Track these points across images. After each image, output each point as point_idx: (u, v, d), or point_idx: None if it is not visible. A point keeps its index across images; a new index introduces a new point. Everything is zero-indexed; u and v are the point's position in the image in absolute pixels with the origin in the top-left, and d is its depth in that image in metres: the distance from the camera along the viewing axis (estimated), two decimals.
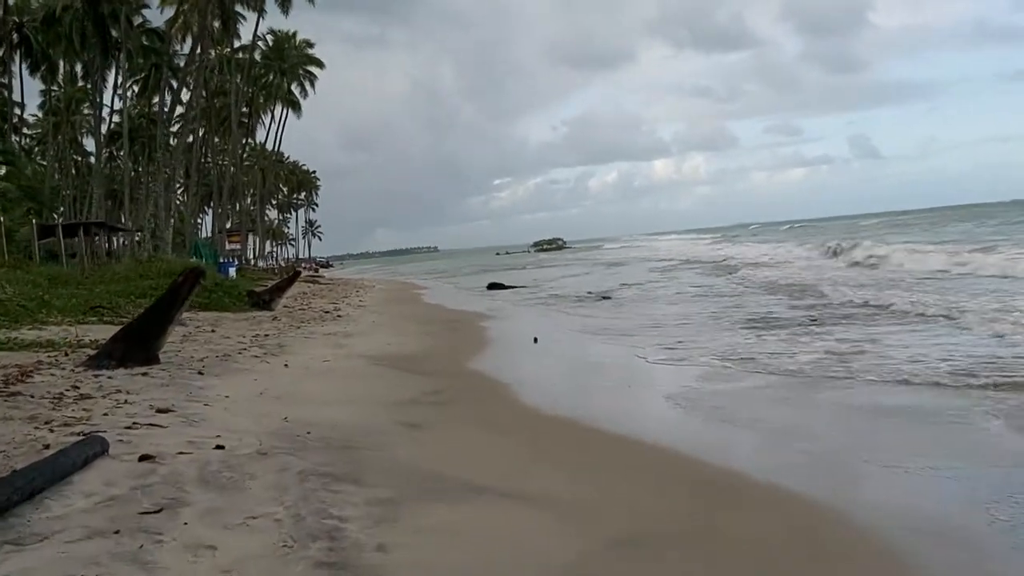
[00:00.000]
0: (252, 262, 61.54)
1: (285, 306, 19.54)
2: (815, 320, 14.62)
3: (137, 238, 45.23)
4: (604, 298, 24.68)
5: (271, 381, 9.00)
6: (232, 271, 28.57)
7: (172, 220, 35.13)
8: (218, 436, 6.00)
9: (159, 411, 6.85)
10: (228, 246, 53.38)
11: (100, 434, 5.58)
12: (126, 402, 7.20)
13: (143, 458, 5.25)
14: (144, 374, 8.84)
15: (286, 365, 10.19)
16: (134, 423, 6.24)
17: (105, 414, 6.59)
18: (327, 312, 18.70)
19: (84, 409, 6.77)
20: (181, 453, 5.43)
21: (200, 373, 9.11)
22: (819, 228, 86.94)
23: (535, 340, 14.10)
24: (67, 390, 7.70)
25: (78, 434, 5.69)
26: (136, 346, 9.49)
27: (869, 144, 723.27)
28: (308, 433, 6.44)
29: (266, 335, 13.02)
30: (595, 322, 18.14)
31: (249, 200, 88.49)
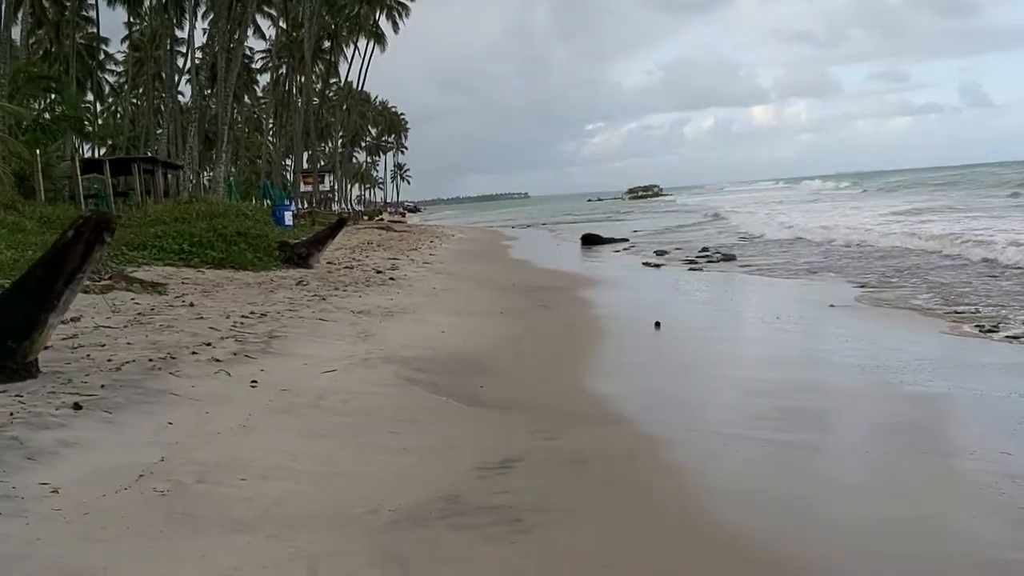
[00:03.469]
0: (329, 205, 58.22)
1: (330, 261, 15.44)
2: None
3: (206, 179, 42.35)
4: (726, 258, 20.01)
5: (194, 428, 4.76)
6: (288, 216, 24.70)
7: (224, 157, 31.54)
8: None
9: None
10: (303, 188, 50.11)
11: None
12: None
13: None
14: None
15: (253, 383, 5.91)
16: None
17: None
18: (379, 272, 14.44)
19: None
20: None
21: (77, 406, 4.93)
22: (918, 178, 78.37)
23: (656, 326, 9.65)
24: None
25: None
26: None
27: (980, 92, 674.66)
28: None
29: (264, 313, 8.70)
30: (736, 295, 13.60)
31: (339, 140, 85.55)
